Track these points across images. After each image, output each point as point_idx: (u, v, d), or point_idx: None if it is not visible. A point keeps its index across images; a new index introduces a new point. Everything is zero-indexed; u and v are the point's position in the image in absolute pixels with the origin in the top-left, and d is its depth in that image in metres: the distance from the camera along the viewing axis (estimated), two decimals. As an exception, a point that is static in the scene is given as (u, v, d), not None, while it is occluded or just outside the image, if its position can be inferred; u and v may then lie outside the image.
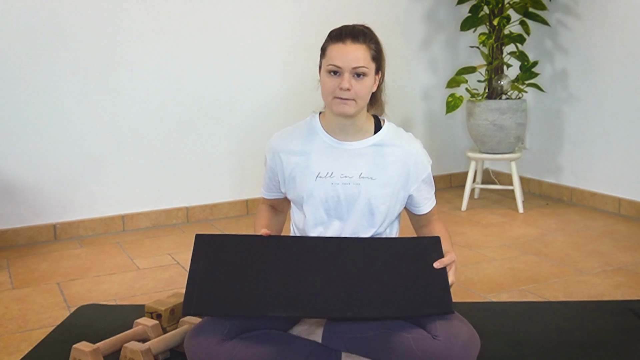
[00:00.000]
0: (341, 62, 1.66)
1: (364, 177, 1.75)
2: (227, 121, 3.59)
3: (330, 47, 1.69)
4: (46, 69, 3.15)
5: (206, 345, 1.60)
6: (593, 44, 3.56)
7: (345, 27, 1.71)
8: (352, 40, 1.67)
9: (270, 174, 1.87)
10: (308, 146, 1.79)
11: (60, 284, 2.62)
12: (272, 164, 1.84)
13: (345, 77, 1.66)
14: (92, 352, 1.75)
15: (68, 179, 3.27)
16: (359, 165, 1.76)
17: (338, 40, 1.68)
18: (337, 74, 1.68)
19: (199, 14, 3.44)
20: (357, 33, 1.69)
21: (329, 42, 1.71)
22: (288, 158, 1.79)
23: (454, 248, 1.81)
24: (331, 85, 1.68)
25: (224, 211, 3.65)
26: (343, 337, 1.67)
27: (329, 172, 1.76)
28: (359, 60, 1.67)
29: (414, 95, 4.10)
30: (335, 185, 1.75)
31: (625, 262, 2.72)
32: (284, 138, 1.83)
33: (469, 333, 1.60)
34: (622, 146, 3.47)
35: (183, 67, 3.44)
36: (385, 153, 1.78)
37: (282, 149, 1.81)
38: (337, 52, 1.67)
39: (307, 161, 1.77)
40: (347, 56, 1.66)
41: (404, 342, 1.58)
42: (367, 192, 1.75)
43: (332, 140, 1.78)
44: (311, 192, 1.75)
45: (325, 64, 1.71)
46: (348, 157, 1.77)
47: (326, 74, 1.70)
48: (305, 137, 1.80)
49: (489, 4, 3.58)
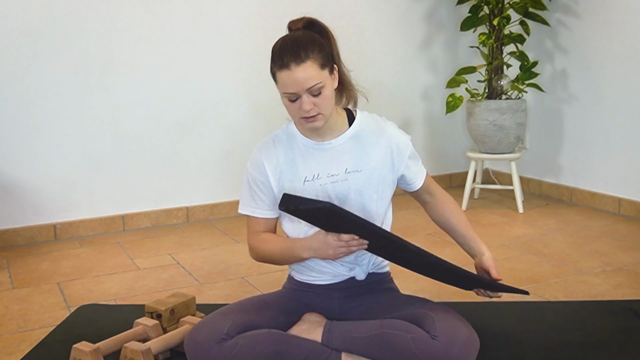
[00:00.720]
0: (293, 88, 1.63)
1: (350, 172, 1.76)
2: (227, 121, 3.59)
3: (278, 75, 1.65)
4: (46, 69, 3.15)
5: (206, 345, 1.60)
6: (593, 44, 3.57)
7: (284, 48, 1.64)
8: (296, 63, 1.61)
9: (261, 187, 1.79)
10: (290, 153, 1.78)
11: (60, 284, 2.62)
12: (261, 177, 1.79)
13: (303, 100, 1.64)
14: (92, 352, 1.75)
15: (68, 179, 3.27)
16: (342, 162, 1.77)
17: (282, 67, 1.63)
18: (295, 98, 1.66)
19: (199, 14, 3.44)
20: (297, 51, 1.63)
21: (274, 68, 1.66)
22: (274, 169, 1.78)
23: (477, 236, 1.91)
24: (294, 109, 1.68)
25: (224, 211, 3.65)
26: (343, 336, 1.67)
27: (315, 174, 1.76)
28: (310, 80, 1.62)
29: (414, 95, 4.10)
30: (324, 186, 1.76)
31: (625, 262, 2.72)
32: (265, 149, 1.80)
33: (468, 333, 1.60)
34: (622, 146, 3.47)
35: (183, 67, 3.44)
36: (365, 143, 1.79)
37: (267, 160, 1.78)
38: (286, 80, 1.63)
39: (292, 167, 1.77)
40: (297, 82, 1.62)
41: (403, 342, 1.58)
42: (357, 185, 1.77)
43: (312, 143, 1.78)
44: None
45: (279, 90, 1.68)
46: (330, 156, 1.77)
47: (285, 99, 1.68)
48: (285, 145, 1.79)
49: (489, 4, 3.59)
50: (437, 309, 1.68)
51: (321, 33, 1.76)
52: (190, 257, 2.94)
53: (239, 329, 1.64)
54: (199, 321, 1.70)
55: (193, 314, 2.05)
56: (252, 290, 2.48)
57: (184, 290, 2.48)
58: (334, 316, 1.82)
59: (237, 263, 2.83)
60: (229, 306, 1.76)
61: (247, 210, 1.82)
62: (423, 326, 1.61)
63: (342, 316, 1.82)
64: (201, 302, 2.34)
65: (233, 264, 2.81)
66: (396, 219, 1.95)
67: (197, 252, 3.00)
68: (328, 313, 1.82)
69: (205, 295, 2.45)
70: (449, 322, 1.61)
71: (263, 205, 1.81)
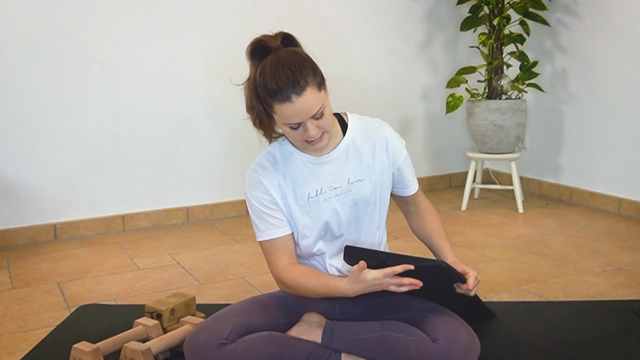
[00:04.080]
0: (298, 119, 1.58)
1: (352, 182, 1.75)
2: (227, 121, 3.59)
3: (278, 108, 1.57)
4: (46, 69, 3.15)
5: (206, 350, 1.59)
6: (593, 44, 3.57)
7: (279, 78, 1.55)
8: (296, 94, 1.54)
9: (269, 206, 1.73)
10: (289, 172, 1.74)
11: (60, 284, 2.62)
12: (265, 196, 1.72)
13: (309, 127, 1.59)
14: (92, 352, 1.75)
15: (68, 179, 3.27)
16: (343, 173, 1.75)
17: (283, 101, 1.55)
18: (298, 126, 1.60)
19: (199, 14, 3.44)
20: (295, 81, 1.54)
21: (273, 102, 1.57)
22: (276, 188, 1.73)
23: (451, 246, 1.84)
24: (297, 136, 1.63)
25: (224, 211, 3.65)
26: (342, 337, 1.67)
27: (318, 189, 1.74)
28: (314, 107, 1.57)
29: (414, 95, 4.10)
30: (329, 200, 1.74)
31: (625, 262, 2.72)
32: (262, 170, 1.74)
33: (468, 337, 1.59)
34: (622, 146, 3.47)
35: (183, 67, 3.44)
36: (362, 150, 1.77)
37: (266, 180, 1.73)
38: (289, 113, 1.56)
39: (294, 186, 1.74)
40: (301, 112, 1.56)
41: (404, 344, 1.58)
42: (361, 195, 1.76)
43: (311, 159, 1.74)
44: (308, 215, 1.74)
45: (279, 121, 1.61)
46: (331, 169, 1.75)
47: (286, 127, 1.62)
48: (282, 164, 1.75)
49: (489, 4, 3.58)
50: (438, 311, 1.67)
51: (297, 46, 1.67)
52: (190, 257, 2.94)
53: (239, 332, 1.63)
54: (198, 325, 1.69)
55: (193, 314, 2.05)
56: (252, 290, 2.48)
57: (184, 290, 2.48)
58: (334, 316, 1.82)
59: (237, 263, 2.83)
60: (228, 309, 1.75)
61: (265, 235, 1.74)
62: (424, 329, 1.61)
63: (342, 316, 1.82)
64: (201, 302, 2.34)
65: (233, 264, 2.81)
66: (393, 220, 1.95)
67: (197, 252, 3.00)
68: (328, 313, 1.82)
69: (205, 295, 2.45)
70: (450, 325, 1.60)
71: (279, 222, 1.74)
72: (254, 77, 1.64)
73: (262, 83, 1.59)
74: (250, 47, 1.65)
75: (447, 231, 3.09)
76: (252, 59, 1.66)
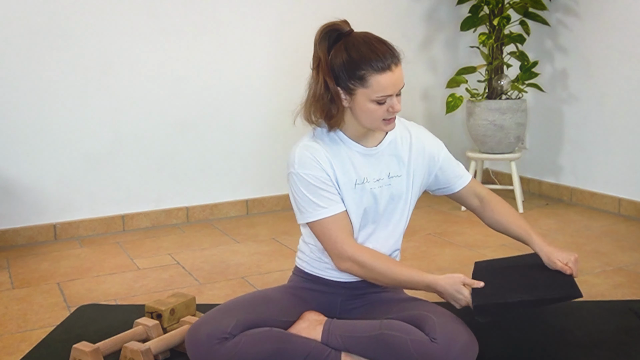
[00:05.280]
0: (392, 90, 1.64)
1: (392, 177, 1.80)
2: (227, 121, 3.59)
3: (376, 78, 1.61)
4: (46, 69, 3.15)
5: (209, 343, 1.60)
6: (593, 44, 3.56)
7: (379, 49, 1.62)
8: (395, 64, 1.63)
9: (326, 182, 1.71)
10: (338, 156, 1.76)
11: (60, 284, 2.62)
12: (321, 173, 1.71)
13: (394, 101, 1.65)
14: (92, 352, 1.75)
15: (68, 179, 3.27)
16: (385, 166, 1.80)
17: (384, 69, 1.61)
18: (385, 100, 1.65)
19: (199, 14, 3.44)
20: (392, 51, 1.64)
21: (370, 72, 1.61)
22: (329, 167, 1.73)
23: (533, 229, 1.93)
24: (379, 112, 1.67)
25: (224, 211, 3.65)
26: (342, 336, 1.67)
27: (364, 178, 1.77)
28: (402, 80, 1.66)
29: (414, 95, 4.10)
30: (373, 190, 1.78)
31: (625, 262, 2.72)
32: (313, 149, 1.73)
33: (467, 337, 1.60)
34: (622, 146, 3.47)
35: (183, 67, 3.44)
36: (400, 148, 1.83)
37: (320, 157, 1.72)
38: (386, 82, 1.62)
39: (343, 170, 1.75)
40: (397, 82, 1.64)
41: (402, 344, 1.58)
42: (398, 190, 1.81)
43: (361, 148, 1.78)
44: (352, 200, 1.76)
45: (370, 94, 1.63)
46: (375, 161, 1.79)
47: (372, 103, 1.65)
48: (332, 147, 1.75)
49: (489, 4, 3.59)
50: (438, 312, 1.67)
51: None
52: (190, 257, 2.94)
53: (242, 327, 1.64)
54: (202, 316, 1.69)
55: (193, 314, 2.05)
56: (252, 291, 2.48)
57: (184, 290, 2.48)
58: (335, 313, 1.83)
59: (237, 263, 2.83)
60: (233, 301, 1.75)
61: (325, 212, 1.70)
62: (423, 328, 1.61)
63: (343, 313, 1.83)
64: (201, 302, 2.34)
65: (233, 264, 2.81)
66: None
67: (197, 252, 3.00)
68: (330, 309, 1.83)
69: (205, 295, 2.45)
70: (449, 325, 1.60)
71: (337, 198, 1.72)
72: (333, 59, 1.67)
73: (356, 56, 1.63)
74: (323, 31, 1.69)
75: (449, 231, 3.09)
76: (323, 43, 1.69)
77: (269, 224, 3.48)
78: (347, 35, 1.69)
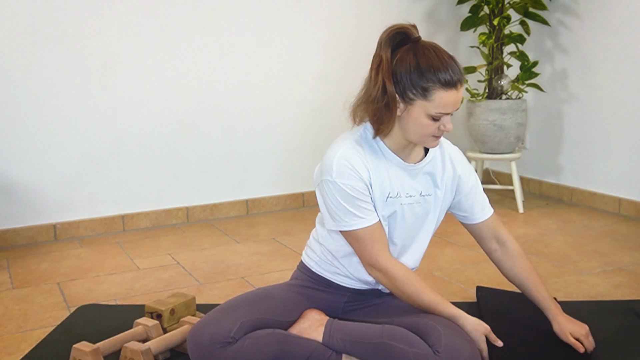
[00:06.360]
0: (452, 108, 1.62)
1: (424, 195, 1.77)
2: (227, 121, 3.59)
3: (440, 94, 1.57)
4: (46, 69, 3.15)
5: (212, 346, 1.58)
6: (593, 44, 3.57)
7: (453, 69, 1.58)
8: (461, 84, 1.60)
9: (364, 193, 1.67)
10: (377, 166, 1.71)
11: (60, 284, 2.62)
12: (360, 183, 1.67)
13: (446, 120, 1.63)
14: (92, 352, 1.75)
15: (68, 179, 3.27)
16: (418, 184, 1.77)
17: (451, 87, 1.58)
18: (440, 118, 1.62)
19: (199, 14, 3.44)
20: (461, 72, 1.60)
21: (436, 87, 1.57)
22: (367, 176, 1.69)
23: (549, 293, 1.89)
24: (429, 128, 1.64)
25: (224, 211, 3.65)
26: (343, 339, 1.67)
27: (398, 192, 1.74)
28: (461, 100, 1.65)
29: (414, 95, 4.10)
30: (403, 206, 1.75)
31: (625, 262, 2.72)
32: (355, 157, 1.67)
33: (470, 353, 1.57)
34: (622, 146, 3.47)
35: (183, 67, 3.44)
36: (435, 168, 1.80)
37: (359, 166, 1.67)
38: (449, 100, 1.59)
39: (379, 180, 1.71)
40: (457, 102, 1.62)
41: (404, 354, 1.56)
42: (427, 209, 1.79)
43: (401, 163, 1.74)
44: (382, 212, 1.73)
45: (430, 108, 1.59)
46: (409, 177, 1.76)
47: (427, 118, 1.61)
48: (372, 156, 1.71)
49: (489, 4, 3.59)
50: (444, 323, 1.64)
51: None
52: (190, 257, 2.94)
53: (245, 330, 1.62)
54: (205, 317, 1.66)
55: (193, 314, 2.05)
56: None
57: (184, 290, 2.48)
58: (337, 313, 1.82)
59: (237, 263, 2.83)
60: (235, 301, 1.72)
61: (363, 222, 1.68)
62: (427, 339, 1.58)
63: (346, 314, 1.83)
64: (201, 302, 2.34)
65: (233, 264, 2.81)
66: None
67: (197, 252, 3.00)
68: (333, 309, 1.82)
69: (205, 295, 2.45)
70: (454, 338, 1.58)
71: (372, 207, 1.70)
72: (398, 63, 1.61)
73: (425, 66, 1.58)
74: (391, 32, 1.63)
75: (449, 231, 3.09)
76: (388, 44, 1.62)
77: (269, 224, 3.48)
78: (414, 42, 1.63)
